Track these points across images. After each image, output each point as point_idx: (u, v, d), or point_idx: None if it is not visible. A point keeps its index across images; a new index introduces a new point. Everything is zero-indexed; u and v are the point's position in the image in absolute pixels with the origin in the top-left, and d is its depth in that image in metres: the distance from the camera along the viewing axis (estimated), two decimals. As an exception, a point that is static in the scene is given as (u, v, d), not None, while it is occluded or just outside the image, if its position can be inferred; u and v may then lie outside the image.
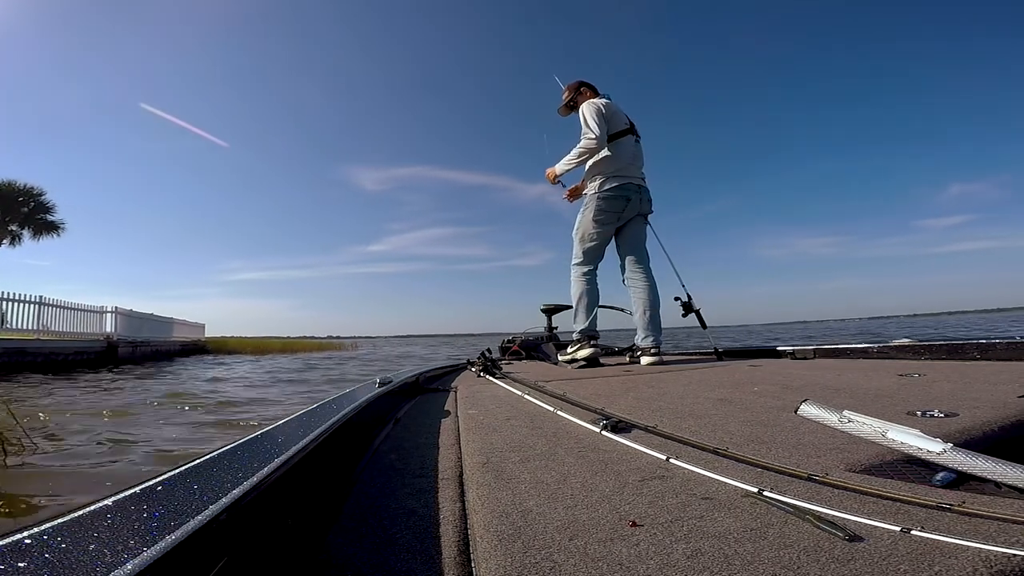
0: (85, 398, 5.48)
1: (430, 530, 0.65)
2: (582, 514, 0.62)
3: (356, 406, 1.14)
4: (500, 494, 0.71)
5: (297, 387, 6.71)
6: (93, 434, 3.22)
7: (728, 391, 1.57)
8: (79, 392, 6.02)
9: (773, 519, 0.58)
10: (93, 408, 4.55)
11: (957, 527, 0.52)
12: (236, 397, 5.45)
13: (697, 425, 1.10)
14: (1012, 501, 0.57)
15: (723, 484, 0.70)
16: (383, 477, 0.90)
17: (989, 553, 0.45)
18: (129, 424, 3.74)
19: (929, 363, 2.08)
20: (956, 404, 1.12)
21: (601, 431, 1.06)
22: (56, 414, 4.06)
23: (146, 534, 0.40)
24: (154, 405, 4.71)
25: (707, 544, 0.52)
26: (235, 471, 0.58)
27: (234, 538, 0.49)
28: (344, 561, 0.58)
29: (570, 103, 3.02)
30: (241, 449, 0.70)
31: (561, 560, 0.51)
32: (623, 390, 1.73)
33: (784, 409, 1.22)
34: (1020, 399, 1.13)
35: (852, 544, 0.50)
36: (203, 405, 4.70)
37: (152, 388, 6.52)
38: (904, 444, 0.70)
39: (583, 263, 2.91)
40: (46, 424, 3.59)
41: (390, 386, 1.60)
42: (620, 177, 2.83)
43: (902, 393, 1.35)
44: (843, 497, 0.63)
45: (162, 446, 3.01)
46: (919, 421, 1.00)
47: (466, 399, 1.69)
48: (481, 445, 1.01)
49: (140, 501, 0.47)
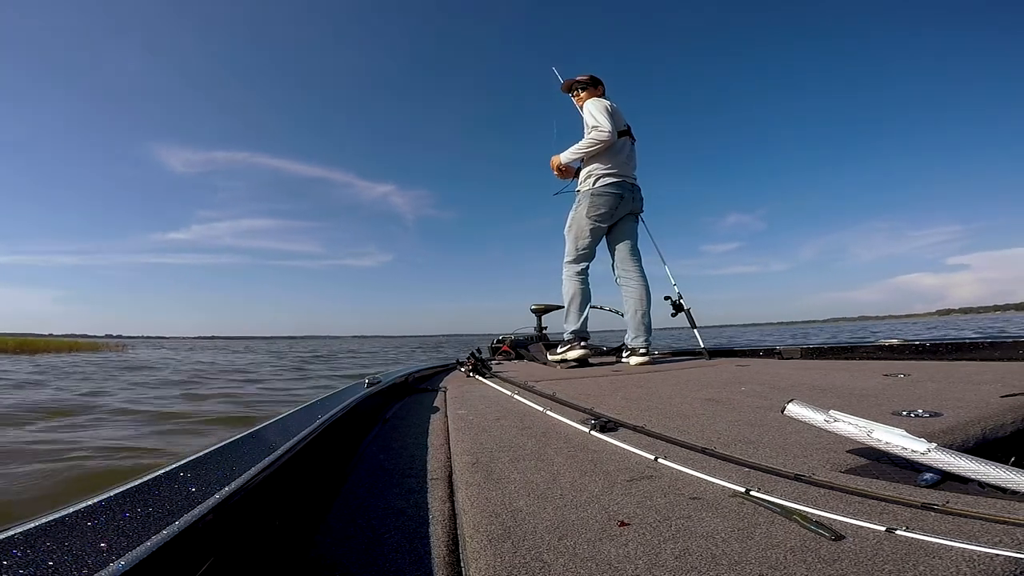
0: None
1: (419, 530, 0.65)
2: (571, 514, 0.62)
3: (345, 406, 1.13)
4: (490, 494, 0.71)
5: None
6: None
7: (716, 391, 1.58)
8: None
9: (760, 519, 0.58)
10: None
11: (941, 527, 0.52)
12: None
13: (685, 425, 1.11)
14: (995, 501, 0.58)
15: (711, 484, 0.71)
16: (372, 477, 0.89)
17: (972, 553, 0.46)
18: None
19: (914, 363, 2.11)
20: (940, 404, 1.14)
21: (590, 431, 1.06)
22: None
23: (132, 534, 0.39)
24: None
25: (695, 544, 0.52)
26: (222, 471, 0.58)
27: (221, 538, 0.49)
28: (333, 561, 0.57)
29: (576, 87, 3.05)
30: (228, 449, 0.69)
31: (550, 560, 0.51)
32: (612, 390, 1.74)
33: (771, 409, 1.23)
34: (1003, 399, 1.15)
35: (838, 544, 0.50)
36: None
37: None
38: (889, 444, 0.70)
39: (576, 261, 2.92)
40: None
41: (379, 386, 1.59)
42: (615, 175, 2.85)
43: (887, 393, 1.37)
44: (829, 497, 0.64)
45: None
46: (904, 421, 1.02)
47: (455, 399, 1.68)
48: (470, 445, 1.01)
49: (125, 501, 0.47)
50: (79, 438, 2.87)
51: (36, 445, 2.64)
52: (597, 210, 2.83)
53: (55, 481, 2.24)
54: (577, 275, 2.90)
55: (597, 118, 2.77)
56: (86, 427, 3.41)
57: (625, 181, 2.89)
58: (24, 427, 3.46)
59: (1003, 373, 1.58)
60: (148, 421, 3.81)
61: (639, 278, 2.92)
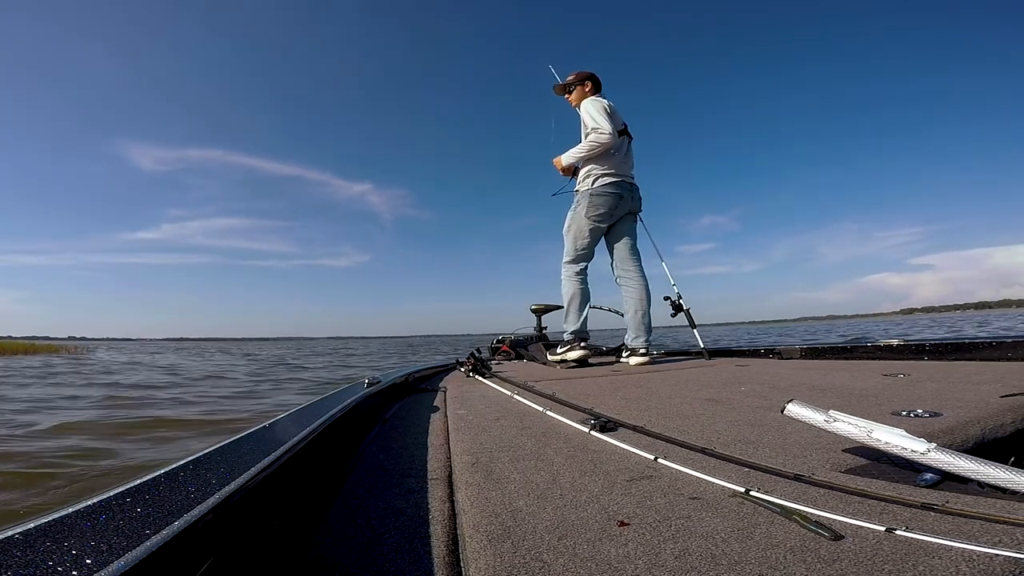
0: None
1: (419, 530, 0.65)
2: (571, 514, 0.62)
3: (345, 406, 1.13)
4: (489, 494, 0.71)
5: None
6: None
7: (716, 391, 1.58)
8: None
9: (760, 519, 0.58)
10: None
11: (941, 527, 0.52)
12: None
13: (685, 425, 1.11)
14: (995, 501, 0.58)
15: (711, 484, 0.71)
16: (372, 477, 0.89)
17: (972, 553, 0.46)
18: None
19: (914, 363, 2.11)
20: (940, 404, 1.14)
21: (590, 431, 1.06)
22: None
23: (131, 534, 0.39)
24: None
25: (695, 544, 0.52)
26: (222, 471, 0.58)
27: (221, 538, 0.49)
28: (332, 561, 0.57)
29: (570, 87, 3.04)
30: (228, 449, 0.69)
31: (550, 560, 0.51)
32: (612, 390, 1.74)
33: (771, 409, 1.23)
34: (1003, 399, 1.15)
35: (837, 544, 0.50)
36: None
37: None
38: (889, 444, 0.70)
39: (575, 261, 2.91)
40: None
41: (379, 386, 1.59)
42: (613, 175, 2.85)
43: (887, 393, 1.37)
44: (829, 497, 0.64)
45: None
46: (904, 421, 1.02)
47: (455, 399, 1.68)
48: (470, 445, 1.01)
49: (125, 501, 0.47)
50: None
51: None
52: (596, 210, 2.83)
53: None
54: (576, 275, 2.90)
55: (596, 119, 2.76)
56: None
57: (624, 180, 2.89)
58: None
59: (1003, 373, 1.58)
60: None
61: (639, 278, 2.91)
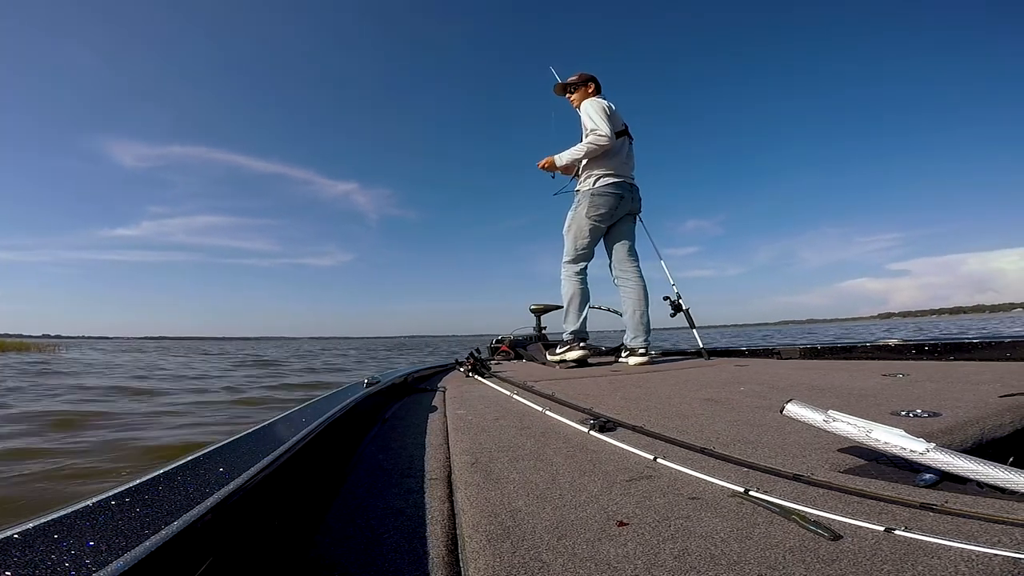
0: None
1: (419, 530, 0.65)
2: (570, 514, 0.62)
3: (344, 406, 1.13)
4: (489, 494, 0.71)
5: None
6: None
7: (715, 391, 1.58)
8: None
9: (759, 519, 0.58)
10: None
11: (940, 527, 0.52)
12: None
13: (684, 425, 1.11)
14: (993, 501, 0.58)
15: (710, 484, 0.71)
16: (371, 477, 0.89)
17: (971, 553, 0.46)
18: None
19: (913, 363, 2.12)
20: (939, 404, 1.14)
21: (589, 431, 1.06)
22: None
23: (131, 534, 0.39)
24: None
25: (694, 544, 0.53)
26: (221, 471, 0.58)
27: (220, 538, 0.49)
28: (332, 561, 0.57)
29: (571, 88, 3.03)
30: (228, 449, 0.69)
31: (549, 560, 0.51)
32: (611, 390, 1.74)
33: (770, 409, 1.23)
34: (1001, 399, 1.16)
35: (836, 544, 0.50)
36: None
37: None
38: (888, 444, 0.71)
39: (575, 260, 2.91)
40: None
41: (378, 386, 1.59)
42: (614, 175, 2.85)
43: (886, 393, 1.37)
44: (828, 497, 0.64)
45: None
46: (903, 421, 1.02)
47: (455, 399, 1.68)
48: (470, 445, 1.01)
49: (125, 501, 0.47)
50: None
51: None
52: (597, 210, 2.83)
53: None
54: (576, 275, 2.90)
55: (596, 121, 2.76)
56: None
57: (624, 181, 2.89)
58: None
59: (1002, 373, 1.58)
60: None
61: (637, 278, 2.91)
